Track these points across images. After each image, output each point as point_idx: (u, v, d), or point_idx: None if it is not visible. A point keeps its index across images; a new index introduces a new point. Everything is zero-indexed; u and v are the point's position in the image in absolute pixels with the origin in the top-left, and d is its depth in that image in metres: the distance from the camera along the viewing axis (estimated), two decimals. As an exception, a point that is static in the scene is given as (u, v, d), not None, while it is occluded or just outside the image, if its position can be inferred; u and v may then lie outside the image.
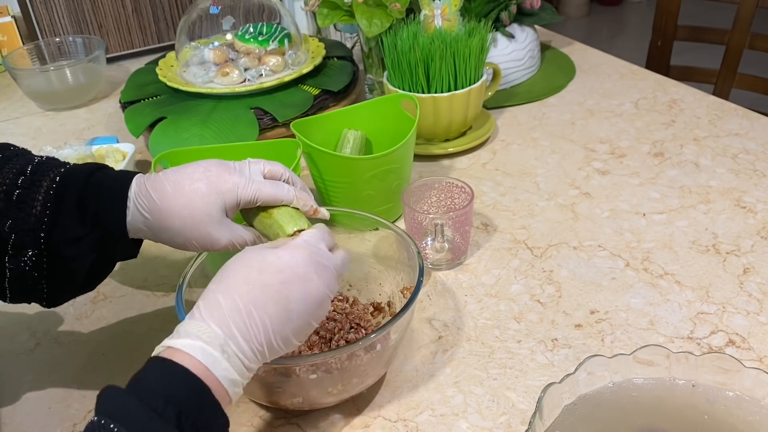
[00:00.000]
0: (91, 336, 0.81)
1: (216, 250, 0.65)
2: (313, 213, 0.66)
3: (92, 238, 0.63)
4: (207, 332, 0.51)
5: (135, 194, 0.63)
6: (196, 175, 0.63)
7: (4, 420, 0.71)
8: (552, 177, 1.02)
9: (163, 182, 0.63)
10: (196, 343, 0.50)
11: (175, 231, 0.63)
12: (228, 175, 0.63)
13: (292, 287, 0.54)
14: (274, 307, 0.53)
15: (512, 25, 1.26)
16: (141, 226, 0.64)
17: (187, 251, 0.88)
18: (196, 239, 0.63)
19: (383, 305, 0.76)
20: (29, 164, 0.63)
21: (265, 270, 0.54)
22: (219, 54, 1.21)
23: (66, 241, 0.62)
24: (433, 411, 0.68)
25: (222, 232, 0.63)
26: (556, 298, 0.80)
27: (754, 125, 1.10)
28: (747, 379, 0.55)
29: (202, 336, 0.51)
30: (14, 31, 1.51)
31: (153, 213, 0.63)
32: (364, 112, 0.98)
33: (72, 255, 0.63)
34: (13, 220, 0.61)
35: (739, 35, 1.48)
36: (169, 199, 0.62)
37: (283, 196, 0.64)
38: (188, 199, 0.62)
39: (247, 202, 0.64)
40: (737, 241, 0.86)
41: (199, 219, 0.62)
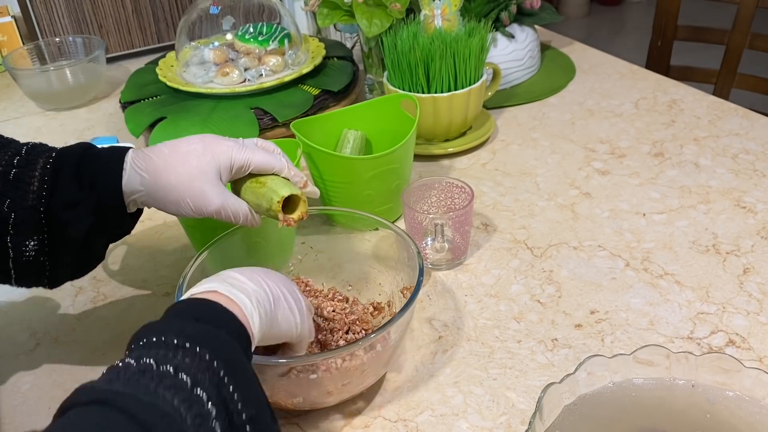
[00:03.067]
0: (91, 336, 0.81)
1: (208, 213, 0.66)
2: (303, 185, 0.69)
3: (89, 203, 0.64)
4: (225, 277, 0.56)
5: (132, 158, 0.66)
6: (193, 139, 0.67)
7: (4, 420, 0.71)
8: (552, 177, 1.02)
9: (160, 146, 0.67)
10: (220, 285, 0.54)
11: (170, 187, 0.65)
12: (223, 140, 0.67)
13: (286, 287, 0.60)
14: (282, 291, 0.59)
15: (512, 25, 1.26)
16: (137, 186, 0.65)
17: (187, 245, 0.88)
18: (191, 197, 0.65)
19: (383, 305, 0.76)
20: (23, 147, 0.66)
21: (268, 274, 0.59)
22: (219, 54, 1.21)
23: (63, 206, 0.64)
24: (433, 411, 0.68)
25: (215, 192, 0.65)
26: (556, 298, 0.80)
27: (754, 125, 1.10)
28: (747, 379, 0.55)
29: (214, 281, 0.55)
30: (14, 31, 1.51)
31: (149, 171, 0.65)
32: (364, 112, 0.98)
33: (69, 220, 0.64)
34: (12, 199, 0.63)
35: (739, 35, 1.48)
36: (166, 157, 0.65)
37: (275, 164, 0.67)
38: (184, 157, 0.65)
39: (240, 166, 0.66)
40: (737, 241, 0.86)
41: (194, 175, 0.65)
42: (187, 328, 0.48)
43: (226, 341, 0.49)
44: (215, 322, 0.50)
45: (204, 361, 0.46)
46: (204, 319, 0.50)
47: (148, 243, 0.95)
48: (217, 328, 0.50)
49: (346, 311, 0.74)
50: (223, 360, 0.47)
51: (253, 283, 0.56)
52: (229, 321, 0.52)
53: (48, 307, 0.85)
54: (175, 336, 0.47)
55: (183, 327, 0.48)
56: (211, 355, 0.47)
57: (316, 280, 0.79)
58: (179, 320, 0.50)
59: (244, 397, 0.47)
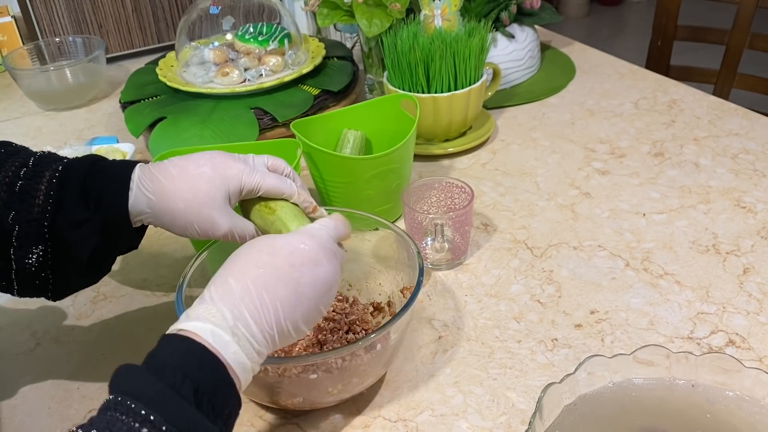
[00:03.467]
0: (91, 336, 0.81)
1: (215, 237, 0.65)
2: (313, 211, 0.66)
3: (95, 222, 0.63)
4: (217, 315, 0.51)
5: (138, 177, 0.64)
6: (202, 160, 0.65)
7: (4, 420, 0.71)
8: (552, 177, 1.02)
9: (168, 166, 0.64)
10: (206, 326, 0.50)
11: (178, 213, 0.63)
12: (233, 162, 0.65)
13: (302, 270, 0.54)
14: (284, 289, 0.53)
15: (512, 25, 1.26)
16: (144, 208, 0.64)
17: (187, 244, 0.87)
18: (198, 222, 0.63)
19: (383, 305, 0.76)
20: (31, 157, 0.64)
21: (276, 253, 0.54)
22: (219, 54, 1.21)
23: (69, 225, 0.62)
24: (433, 411, 0.68)
25: (223, 218, 0.64)
26: (556, 298, 0.80)
27: (754, 125, 1.10)
28: (747, 379, 0.55)
29: (212, 319, 0.50)
30: (14, 31, 1.51)
31: (156, 194, 0.63)
32: (364, 112, 0.98)
33: (75, 239, 0.63)
34: (17, 211, 0.62)
35: (739, 35, 1.48)
36: (174, 180, 0.63)
37: (285, 189, 0.65)
38: (193, 181, 0.63)
39: (250, 191, 0.64)
40: (737, 241, 0.86)
41: (202, 201, 0.63)
42: (181, 414, 0.46)
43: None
44: (212, 405, 0.48)
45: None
46: (202, 396, 0.47)
47: (148, 243, 0.95)
48: (214, 418, 0.47)
49: (346, 311, 0.74)
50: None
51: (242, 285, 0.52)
52: (227, 400, 0.49)
53: (48, 307, 0.85)
54: (165, 421, 0.44)
55: (177, 411, 0.46)
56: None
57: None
58: (176, 396, 0.46)
59: None
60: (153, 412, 0.44)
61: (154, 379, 0.47)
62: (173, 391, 0.46)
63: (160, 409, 0.45)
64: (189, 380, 0.47)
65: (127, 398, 0.45)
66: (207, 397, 0.48)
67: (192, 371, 0.48)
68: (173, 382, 0.47)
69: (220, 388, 0.49)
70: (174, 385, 0.46)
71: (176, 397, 0.46)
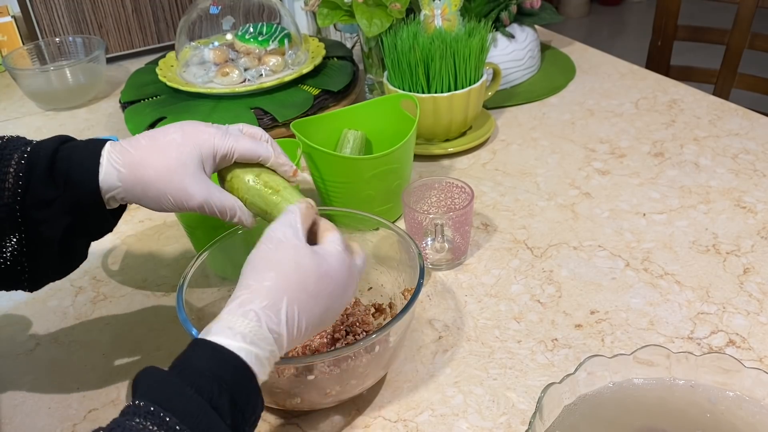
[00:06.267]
0: (91, 336, 0.81)
1: (191, 209, 0.62)
2: (293, 174, 0.65)
3: (65, 200, 0.61)
4: (262, 342, 0.51)
5: (108, 152, 0.62)
6: (171, 129, 0.63)
7: (4, 420, 0.71)
8: (552, 177, 1.02)
9: (137, 138, 0.63)
10: (250, 349, 0.50)
11: (149, 182, 0.61)
12: (204, 127, 0.63)
13: (334, 298, 0.56)
14: (318, 314, 0.55)
15: (512, 25, 1.26)
16: (114, 182, 0.61)
17: (187, 244, 0.87)
18: (170, 192, 0.61)
19: (384, 306, 0.76)
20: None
21: (321, 279, 0.55)
22: (219, 54, 1.21)
23: (37, 204, 0.60)
24: (433, 411, 0.68)
25: (197, 186, 0.61)
26: (556, 298, 0.80)
27: (754, 125, 1.10)
28: (747, 379, 0.55)
29: (258, 342, 0.51)
30: (14, 31, 1.51)
31: (126, 165, 0.61)
32: (364, 112, 0.98)
33: (44, 219, 0.61)
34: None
35: (739, 35, 1.48)
36: (143, 149, 0.61)
37: (261, 152, 0.64)
38: (162, 148, 0.61)
39: (224, 155, 0.63)
40: (737, 241, 0.86)
41: (172, 167, 0.61)
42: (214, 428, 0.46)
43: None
44: (243, 415, 0.49)
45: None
46: (236, 406, 0.48)
47: (148, 243, 0.95)
48: (243, 427, 0.48)
49: (347, 312, 0.74)
50: None
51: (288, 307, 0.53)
52: (256, 406, 0.50)
53: (48, 307, 0.85)
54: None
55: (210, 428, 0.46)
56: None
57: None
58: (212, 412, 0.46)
59: None
60: (187, 429, 0.44)
61: (190, 390, 0.46)
62: (210, 405, 0.46)
63: (195, 425, 0.45)
64: (227, 393, 0.47)
65: (160, 409, 0.45)
66: (240, 408, 0.48)
67: (228, 383, 0.48)
68: (210, 395, 0.47)
69: (251, 398, 0.50)
70: (211, 399, 0.47)
71: (213, 415, 0.46)
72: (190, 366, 0.48)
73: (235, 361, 0.49)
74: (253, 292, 0.52)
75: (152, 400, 0.45)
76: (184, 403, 0.46)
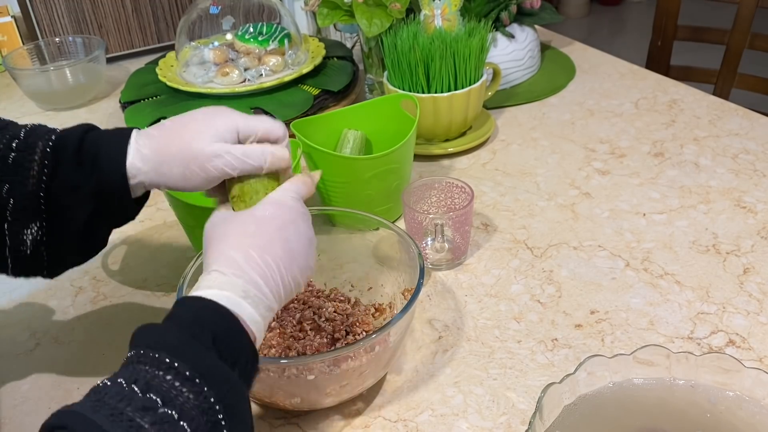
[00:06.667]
0: (91, 336, 0.81)
1: (216, 169, 0.61)
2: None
3: (90, 185, 0.62)
4: (227, 284, 0.54)
5: (135, 138, 0.63)
6: (195, 111, 0.65)
7: (4, 420, 0.71)
8: (552, 177, 1.02)
9: (162, 122, 0.65)
10: (221, 293, 0.53)
11: (173, 158, 0.61)
12: (226, 108, 0.65)
13: (287, 230, 0.58)
14: (280, 249, 0.57)
15: (512, 25, 1.26)
16: (140, 165, 0.61)
17: (187, 244, 0.87)
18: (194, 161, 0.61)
19: (384, 306, 0.76)
20: (22, 129, 0.64)
21: (260, 222, 0.58)
22: (219, 54, 1.21)
23: (65, 190, 0.61)
24: (433, 411, 0.68)
25: (217, 145, 0.61)
26: (556, 298, 0.80)
27: (754, 125, 1.10)
28: (747, 379, 0.55)
29: (224, 287, 0.53)
30: (14, 31, 1.51)
31: (152, 147, 0.62)
32: (364, 112, 0.98)
33: (70, 204, 0.61)
34: (11, 184, 0.60)
35: (739, 35, 1.48)
36: (166, 130, 0.63)
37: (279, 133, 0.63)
38: (185, 125, 0.63)
39: (245, 132, 0.62)
40: (737, 241, 0.86)
41: (194, 138, 0.61)
42: (203, 360, 0.48)
43: (235, 385, 0.49)
44: (231, 352, 0.50)
45: (207, 402, 0.46)
46: (220, 343, 0.50)
47: (148, 243, 0.95)
48: (232, 365, 0.50)
49: (347, 312, 0.74)
50: (225, 404, 0.47)
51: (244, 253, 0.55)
52: (243, 348, 0.52)
53: (48, 307, 0.85)
54: (189, 367, 0.47)
55: (198, 357, 0.48)
56: (216, 397, 0.47)
57: (318, 281, 0.79)
58: (197, 344, 0.49)
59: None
60: (176, 359, 0.47)
61: (175, 330, 0.49)
62: (194, 339, 0.49)
63: (183, 356, 0.47)
64: (208, 330, 0.50)
65: (149, 350, 0.48)
66: (225, 344, 0.50)
67: (209, 322, 0.51)
68: (192, 332, 0.49)
69: (235, 338, 0.51)
70: (194, 334, 0.49)
71: (197, 345, 0.49)
72: (173, 316, 0.52)
73: (211, 304, 0.52)
74: (219, 254, 0.56)
75: (143, 345, 0.48)
76: (171, 340, 0.49)
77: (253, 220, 0.58)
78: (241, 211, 0.60)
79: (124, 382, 0.45)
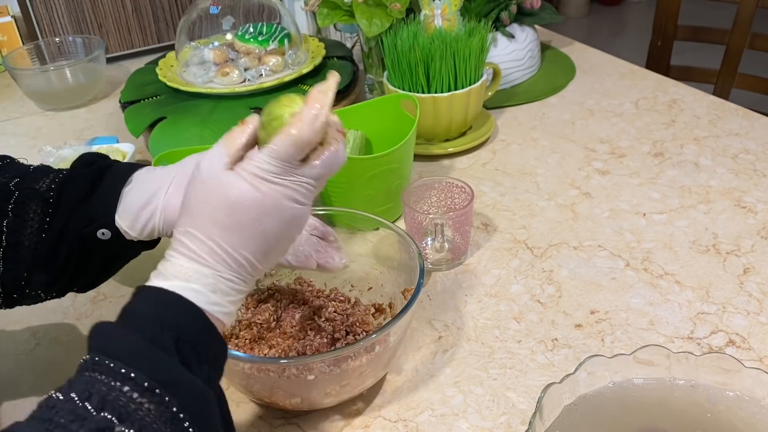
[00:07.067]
0: (91, 336, 0.81)
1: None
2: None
3: (99, 258, 0.65)
4: (194, 275, 0.50)
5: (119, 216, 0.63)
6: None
7: (4, 420, 0.71)
8: (552, 177, 1.02)
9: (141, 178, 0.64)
10: (189, 285, 0.49)
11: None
12: None
13: (265, 221, 0.51)
14: (253, 244, 0.51)
15: (512, 25, 1.26)
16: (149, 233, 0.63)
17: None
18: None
19: (384, 306, 0.76)
20: (14, 192, 0.63)
21: (233, 210, 0.50)
22: (219, 54, 1.21)
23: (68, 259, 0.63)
24: (433, 411, 0.68)
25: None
26: (556, 298, 0.80)
27: (754, 125, 1.10)
28: (747, 379, 0.55)
29: (192, 278, 0.50)
30: (14, 31, 1.51)
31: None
32: (364, 112, 0.98)
33: (77, 267, 0.64)
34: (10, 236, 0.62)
35: (739, 35, 1.48)
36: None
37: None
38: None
39: None
40: (737, 241, 0.86)
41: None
42: (162, 368, 0.45)
43: (199, 390, 0.46)
44: (197, 352, 0.47)
45: (170, 411, 0.43)
46: (184, 345, 0.47)
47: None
48: (199, 363, 0.47)
49: (347, 312, 0.74)
50: (191, 412, 0.44)
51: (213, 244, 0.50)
52: (212, 343, 0.49)
53: (48, 307, 0.85)
54: (147, 377, 0.43)
55: (158, 365, 0.45)
56: (179, 406, 0.44)
57: (318, 281, 0.79)
58: (156, 350, 0.45)
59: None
60: (133, 369, 0.43)
61: (133, 335, 0.46)
62: (153, 344, 0.45)
63: (141, 365, 0.44)
64: (169, 330, 0.46)
65: (105, 357, 0.44)
66: (190, 345, 0.47)
67: (170, 321, 0.47)
68: (152, 334, 0.46)
69: (202, 334, 0.48)
70: (153, 338, 0.46)
71: (156, 351, 0.45)
72: (133, 312, 0.48)
73: (174, 298, 0.48)
74: (175, 238, 0.52)
75: (99, 351, 0.45)
76: (128, 346, 0.45)
77: (226, 204, 0.50)
78: (220, 181, 0.51)
79: (77, 398, 0.42)
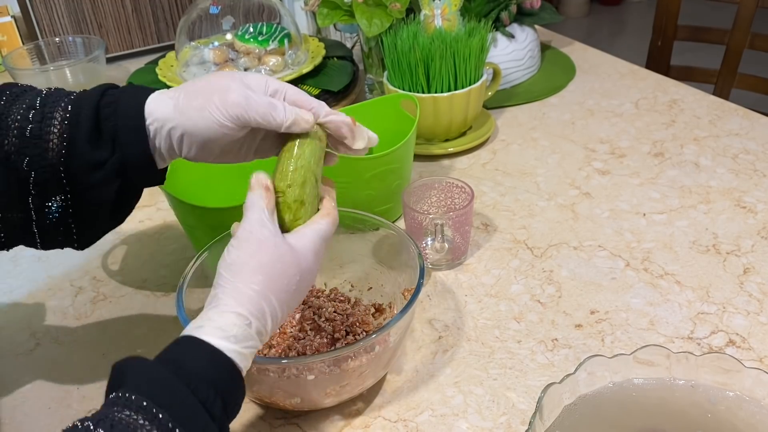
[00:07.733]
0: (91, 336, 0.81)
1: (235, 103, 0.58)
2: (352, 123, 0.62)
3: (114, 163, 0.59)
4: (244, 335, 0.52)
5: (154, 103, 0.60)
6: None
7: (4, 420, 0.71)
8: (552, 177, 1.02)
9: (183, 85, 0.61)
10: (240, 350, 0.52)
11: (195, 121, 0.58)
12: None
13: (303, 283, 0.58)
14: (294, 305, 0.58)
15: (512, 25, 1.26)
16: (165, 138, 0.59)
17: (187, 245, 0.87)
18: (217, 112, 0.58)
19: (384, 306, 0.76)
20: (38, 97, 0.60)
21: (302, 277, 0.57)
22: (219, 54, 1.21)
23: (85, 168, 0.59)
24: (433, 411, 0.68)
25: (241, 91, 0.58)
26: (556, 298, 0.80)
27: (754, 125, 1.10)
28: (747, 379, 0.55)
29: (241, 339, 0.52)
30: (14, 31, 1.51)
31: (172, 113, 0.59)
32: (364, 112, 0.98)
33: (94, 183, 0.59)
34: (31, 156, 0.58)
35: (739, 35, 1.48)
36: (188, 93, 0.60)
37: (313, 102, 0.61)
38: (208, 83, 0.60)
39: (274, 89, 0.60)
40: (737, 241, 0.86)
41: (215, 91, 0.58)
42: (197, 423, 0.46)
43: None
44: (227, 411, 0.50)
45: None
46: (228, 409, 0.50)
47: (148, 243, 0.95)
48: (226, 421, 0.50)
49: (347, 312, 0.74)
50: None
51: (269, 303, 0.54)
52: (239, 396, 0.52)
53: (48, 307, 0.85)
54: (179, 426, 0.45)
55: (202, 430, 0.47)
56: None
57: (318, 281, 0.79)
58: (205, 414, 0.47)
59: None
60: (179, 426, 0.44)
61: (187, 392, 0.46)
62: (204, 409, 0.47)
63: (188, 425, 0.45)
64: (220, 399, 0.48)
65: (153, 405, 0.44)
66: (230, 409, 0.50)
67: (223, 388, 0.49)
68: (205, 397, 0.47)
69: (238, 399, 0.52)
70: (206, 401, 0.47)
71: (205, 416, 0.47)
72: (185, 366, 0.48)
73: (228, 365, 0.50)
74: (242, 295, 0.53)
75: (144, 394, 0.45)
76: (179, 402, 0.46)
77: (299, 277, 0.56)
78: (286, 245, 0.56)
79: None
